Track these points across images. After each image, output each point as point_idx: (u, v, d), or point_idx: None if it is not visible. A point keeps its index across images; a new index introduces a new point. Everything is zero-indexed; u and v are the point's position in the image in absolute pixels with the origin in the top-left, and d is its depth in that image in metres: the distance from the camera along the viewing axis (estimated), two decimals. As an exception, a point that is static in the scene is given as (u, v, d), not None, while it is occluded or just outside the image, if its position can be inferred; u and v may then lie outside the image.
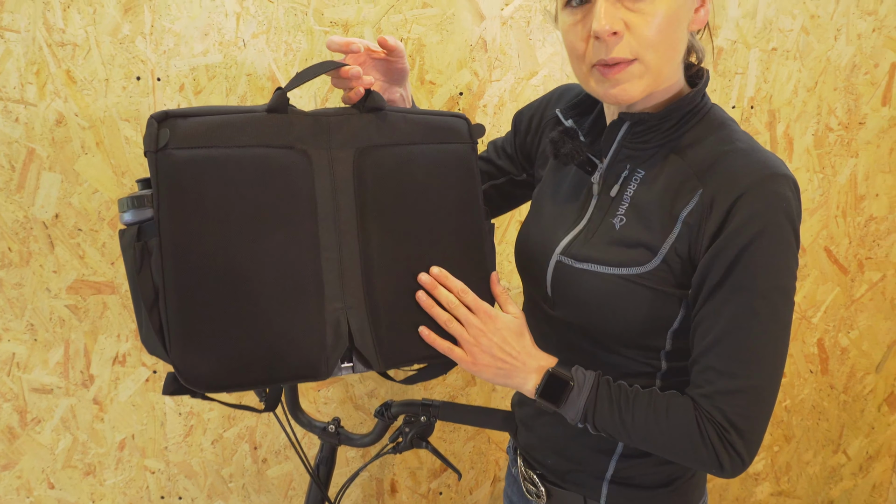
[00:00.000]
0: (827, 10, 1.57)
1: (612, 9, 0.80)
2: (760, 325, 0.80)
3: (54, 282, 1.31)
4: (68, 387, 1.37)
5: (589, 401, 0.87)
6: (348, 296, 0.87)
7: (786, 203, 0.80)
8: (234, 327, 0.81)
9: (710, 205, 0.82)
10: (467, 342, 0.89)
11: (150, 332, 0.82)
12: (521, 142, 1.11)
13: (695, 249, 0.83)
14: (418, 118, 0.95)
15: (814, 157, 1.68)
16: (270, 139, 0.85)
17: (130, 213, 0.83)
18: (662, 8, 0.80)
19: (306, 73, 0.89)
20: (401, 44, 0.99)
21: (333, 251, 0.87)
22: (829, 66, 1.61)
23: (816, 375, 1.85)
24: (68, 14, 1.22)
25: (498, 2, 1.40)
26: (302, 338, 0.84)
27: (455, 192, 0.95)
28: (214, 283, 0.80)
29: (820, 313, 1.80)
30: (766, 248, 0.79)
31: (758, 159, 0.82)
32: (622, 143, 0.91)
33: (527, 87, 1.46)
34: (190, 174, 0.80)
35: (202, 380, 0.81)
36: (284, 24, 1.31)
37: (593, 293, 0.89)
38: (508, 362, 0.90)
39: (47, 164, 1.27)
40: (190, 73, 1.29)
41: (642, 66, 0.82)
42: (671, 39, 0.82)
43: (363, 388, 1.53)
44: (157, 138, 0.80)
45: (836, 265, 1.77)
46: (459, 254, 0.94)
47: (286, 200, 0.84)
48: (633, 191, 0.89)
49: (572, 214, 0.95)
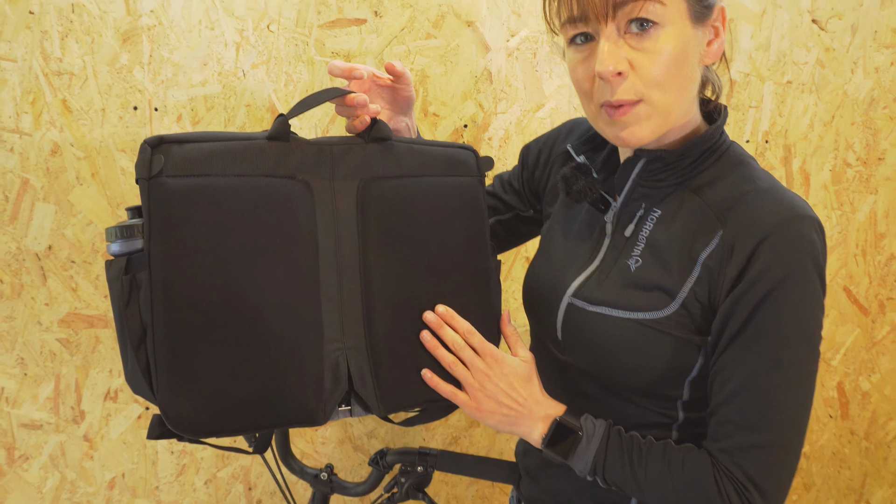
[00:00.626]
0: (843, 43, 1.53)
1: (615, 48, 0.76)
2: (784, 375, 0.76)
3: (46, 315, 1.28)
4: (58, 423, 1.33)
5: (599, 452, 0.82)
6: (348, 336, 0.82)
7: (811, 246, 0.75)
8: (226, 368, 0.76)
9: (730, 247, 0.77)
10: (472, 387, 0.85)
11: (135, 371, 0.77)
12: (528, 177, 1.07)
13: (715, 294, 0.79)
14: (425, 149, 0.91)
15: (831, 193, 1.63)
16: (270, 168, 0.80)
17: (118, 244, 0.78)
18: (668, 45, 0.76)
19: (310, 100, 0.85)
20: (408, 70, 0.96)
21: (334, 288, 0.82)
22: (846, 99, 1.57)
23: (836, 420, 1.78)
24: (66, 43, 1.21)
25: (504, 33, 1.37)
26: (298, 380, 0.79)
27: (462, 228, 0.91)
28: (206, 321, 0.76)
29: (839, 355, 1.73)
30: (790, 294, 0.75)
31: (781, 200, 0.78)
32: (637, 181, 0.87)
33: (533, 119, 1.42)
34: (184, 204, 0.76)
35: (191, 423, 0.76)
36: (285, 54, 1.29)
37: (607, 338, 0.84)
38: (514, 409, 0.85)
39: (41, 195, 1.24)
40: (188, 103, 1.27)
41: (649, 107, 0.78)
42: (679, 77, 0.78)
43: (362, 429, 1.48)
44: (150, 165, 0.76)
45: (857, 305, 1.71)
46: (465, 292, 0.90)
47: (285, 234, 0.80)
48: (649, 231, 0.85)
49: (584, 254, 0.91)
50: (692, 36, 0.77)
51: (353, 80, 0.90)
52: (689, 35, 0.77)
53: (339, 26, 1.30)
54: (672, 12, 0.75)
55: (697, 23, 0.78)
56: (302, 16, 1.28)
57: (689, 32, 0.77)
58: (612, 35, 0.76)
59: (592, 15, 0.76)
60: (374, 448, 1.49)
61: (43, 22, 1.19)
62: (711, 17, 0.79)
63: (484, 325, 0.90)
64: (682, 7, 0.76)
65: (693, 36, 0.78)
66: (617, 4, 0.74)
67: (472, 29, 1.36)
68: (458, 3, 1.34)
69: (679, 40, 0.76)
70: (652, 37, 0.76)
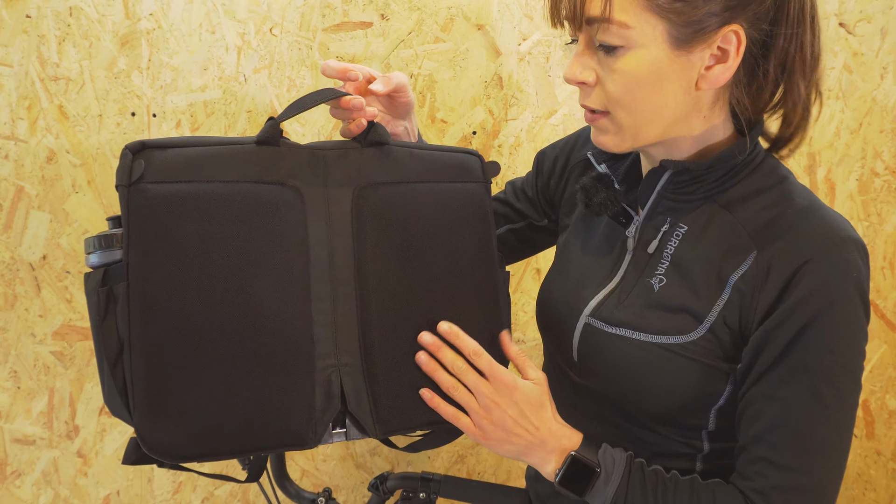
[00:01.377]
0: (871, 48, 1.47)
1: (584, 57, 0.74)
2: (824, 411, 0.70)
3: (40, 326, 1.24)
4: (52, 438, 1.29)
5: (620, 491, 0.76)
6: (342, 353, 0.77)
7: (856, 272, 0.70)
8: (207, 388, 0.71)
9: (766, 270, 0.71)
10: (476, 413, 0.78)
11: (112, 391, 0.73)
12: (543, 184, 1.01)
13: (747, 320, 0.73)
14: (426, 154, 0.85)
15: (858, 203, 1.56)
16: (259, 174, 0.75)
17: (97, 255, 0.74)
18: (631, 67, 0.71)
19: (303, 101, 0.80)
20: (400, 76, 0.90)
21: (326, 302, 0.77)
22: (874, 106, 1.50)
23: (862, 440, 1.70)
24: (63, 47, 1.17)
25: (515, 36, 1.32)
26: (286, 400, 0.74)
27: (466, 237, 0.85)
28: (188, 337, 0.71)
29: (865, 373, 1.66)
30: (833, 324, 0.69)
31: (822, 220, 0.72)
32: (662, 194, 0.81)
33: (545, 126, 1.37)
34: (165, 212, 0.71)
35: (169, 448, 0.71)
36: (288, 58, 1.24)
37: (627, 362, 0.79)
38: (525, 438, 0.78)
39: (36, 203, 1.21)
40: (187, 108, 1.23)
41: (613, 124, 0.76)
42: (647, 101, 0.73)
43: (365, 446, 1.43)
44: (129, 171, 0.71)
45: (884, 321, 1.63)
46: (471, 307, 0.84)
47: (274, 244, 0.75)
48: (675, 248, 0.79)
49: (603, 271, 0.85)
50: (670, 60, 0.71)
51: (347, 81, 0.85)
52: (663, 59, 0.71)
53: (345, 30, 1.26)
54: (642, 35, 0.70)
55: (680, 47, 0.71)
56: (306, 19, 1.24)
57: (663, 56, 0.71)
58: (584, 44, 0.75)
59: (566, 26, 0.76)
60: (377, 466, 1.44)
61: (40, 26, 1.16)
62: (709, 39, 0.71)
63: (492, 343, 0.84)
64: (658, 30, 0.70)
65: (672, 60, 0.71)
66: (581, 22, 0.72)
67: (483, 32, 1.31)
68: (467, 5, 1.29)
69: (647, 65, 0.71)
70: (617, 56, 0.72)
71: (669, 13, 0.69)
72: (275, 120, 0.78)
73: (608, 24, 0.70)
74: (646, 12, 0.69)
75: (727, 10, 0.70)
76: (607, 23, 0.70)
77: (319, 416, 0.75)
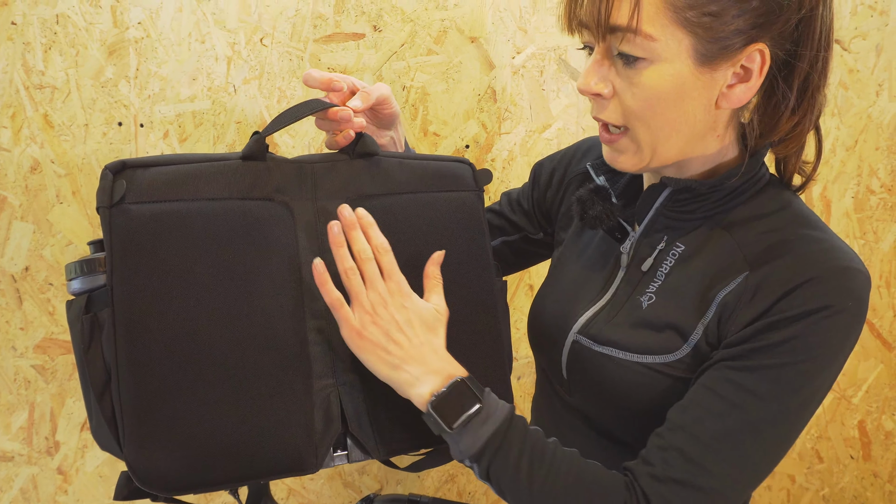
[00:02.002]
0: (867, 65, 1.46)
1: (601, 67, 0.71)
2: (764, 425, 0.67)
3: (21, 340, 1.22)
4: (31, 454, 1.25)
5: (496, 435, 0.69)
6: (340, 371, 0.75)
7: (855, 301, 0.67)
8: (201, 414, 0.69)
9: (754, 289, 0.69)
10: (361, 306, 0.72)
11: (100, 422, 0.70)
12: (539, 196, 0.99)
13: (724, 330, 0.71)
14: (416, 164, 0.84)
15: (854, 221, 1.54)
16: (245, 190, 0.74)
17: (79, 281, 0.71)
18: (653, 82, 0.69)
19: (289, 114, 0.78)
20: (381, 88, 0.87)
21: (321, 319, 0.75)
22: (870, 123, 1.49)
23: (858, 462, 1.68)
24: (49, 55, 1.15)
25: (509, 49, 1.31)
26: (285, 424, 0.71)
27: (460, 246, 0.83)
28: (178, 362, 0.69)
29: (861, 393, 1.64)
30: (817, 350, 0.67)
31: (830, 248, 0.70)
32: (660, 211, 0.79)
33: (539, 140, 1.35)
34: (149, 232, 0.69)
35: (163, 480, 0.68)
36: (278, 69, 1.23)
37: (612, 382, 0.77)
38: (404, 349, 0.71)
39: (19, 214, 1.18)
40: (175, 119, 1.20)
41: (631, 141, 0.73)
42: (668, 117, 0.71)
43: (353, 465, 1.40)
44: (111, 191, 0.69)
45: (880, 340, 1.62)
46: (468, 316, 0.82)
47: (264, 260, 0.73)
48: (669, 267, 0.77)
49: (595, 287, 0.83)
50: (694, 77, 0.69)
51: (331, 91, 0.83)
52: (686, 75, 0.69)
53: (336, 41, 1.24)
54: (666, 49, 0.67)
55: (705, 64, 0.68)
56: (297, 30, 1.23)
57: (687, 72, 0.68)
58: (602, 53, 0.71)
59: (584, 34, 0.72)
60: (365, 485, 1.41)
61: (25, 33, 1.14)
62: (734, 57, 0.69)
63: (490, 350, 0.82)
64: (684, 45, 0.67)
65: (695, 77, 0.69)
66: (605, 30, 0.68)
67: (476, 45, 1.30)
68: (461, 18, 1.28)
69: (669, 80, 0.68)
70: (638, 69, 0.69)
71: (697, 28, 0.66)
72: (260, 134, 0.76)
73: (633, 34, 0.67)
74: (673, 25, 0.66)
75: (754, 28, 0.67)
76: (633, 33, 0.67)
77: (320, 439, 0.73)
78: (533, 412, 0.98)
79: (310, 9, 1.22)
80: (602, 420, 0.81)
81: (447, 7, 1.27)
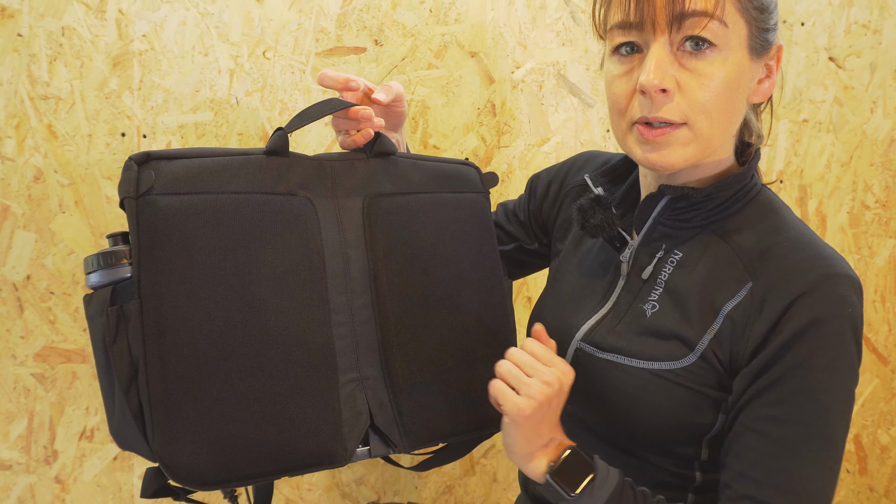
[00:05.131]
0: (861, 81, 1.48)
1: (666, 63, 0.69)
2: (811, 451, 0.69)
3: (21, 348, 1.22)
4: (29, 463, 1.26)
5: (612, 498, 0.72)
6: (364, 365, 0.75)
7: (850, 308, 0.69)
8: (231, 406, 0.68)
9: (760, 302, 0.70)
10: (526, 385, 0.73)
11: (124, 420, 0.69)
12: (535, 208, 1.00)
13: (738, 350, 0.72)
14: (429, 165, 0.86)
15: (849, 236, 1.56)
16: (270, 185, 0.74)
17: (99, 274, 0.70)
18: (722, 71, 0.69)
19: (310, 112, 0.79)
20: (398, 86, 0.89)
21: (345, 314, 0.75)
22: (864, 139, 1.51)
23: (854, 476, 1.68)
24: (54, 67, 1.16)
25: (509, 64, 1.32)
26: (313, 416, 0.71)
27: (473, 246, 0.85)
28: (207, 354, 0.68)
29: (857, 406, 1.64)
30: (825, 363, 0.68)
31: (817, 254, 0.71)
32: (659, 220, 0.80)
33: (538, 154, 1.37)
34: (177, 223, 0.69)
35: (194, 473, 0.67)
36: (280, 81, 1.24)
37: (618, 388, 0.77)
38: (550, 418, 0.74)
39: (22, 223, 1.19)
40: (178, 130, 1.22)
41: (690, 133, 0.71)
42: (727, 108, 0.71)
43: (350, 475, 1.40)
44: (137, 182, 0.69)
45: (875, 354, 1.63)
46: (481, 312, 0.84)
47: (290, 254, 0.73)
48: (669, 274, 0.78)
49: (595, 295, 0.84)
50: (747, 67, 0.71)
51: (348, 91, 0.84)
52: (744, 65, 0.71)
53: (338, 55, 1.26)
54: (732, 37, 0.69)
55: (754, 55, 0.72)
56: (299, 43, 1.24)
57: (745, 62, 0.71)
58: (664, 48, 0.69)
59: (649, 23, 0.69)
60: (364, 496, 1.41)
61: (31, 45, 1.16)
62: (769, 53, 0.73)
63: (502, 346, 0.83)
64: (743, 34, 0.70)
65: (748, 67, 0.71)
66: (680, 15, 0.67)
67: (476, 60, 1.31)
68: (461, 33, 1.30)
69: (733, 68, 0.70)
70: (707, 59, 0.69)
71: (752, 19, 0.70)
72: (283, 130, 0.76)
73: (711, 20, 0.67)
74: (737, 13, 0.69)
75: (775, 27, 0.73)
76: (711, 19, 0.67)
77: (348, 432, 0.73)
78: (531, 421, 0.99)
79: (312, 23, 1.24)
80: (604, 427, 0.81)
81: (448, 22, 1.29)
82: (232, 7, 1.20)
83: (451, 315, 0.81)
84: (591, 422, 0.82)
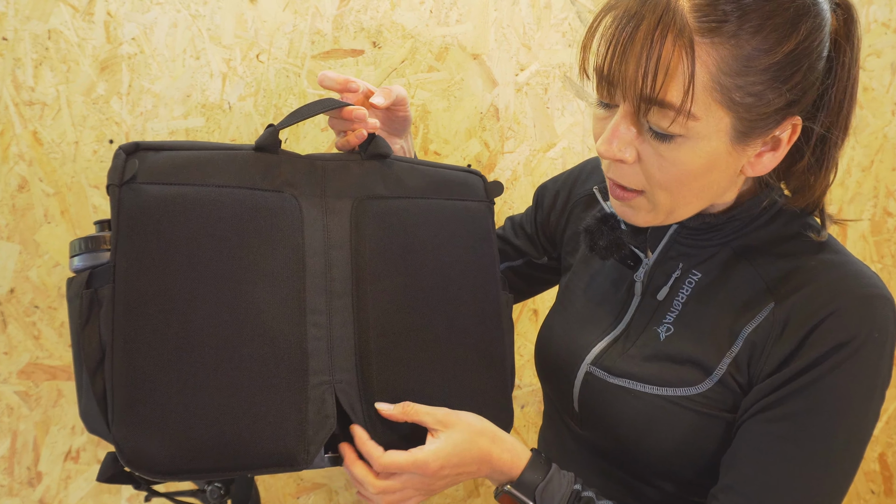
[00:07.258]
0: (882, 83, 1.42)
1: (626, 135, 0.65)
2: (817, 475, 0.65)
3: (4, 365, 1.17)
4: (12, 485, 1.20)
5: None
6: (337, 369, 0.74)
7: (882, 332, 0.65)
8: (194, 399, 0.68)
9: (782, 323, 0.66)
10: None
11: (90, 403, 0.70)
12: (543, 220, 0.96)
13: (755, 372, 0.67)
14: (428, 170, 0.84)
15: (870, 244, 1.49)
16: (256, 181, 0.74)
17: (82, 258, 0.72)
18: (687, 158, 0.64)
19: (304, 110, 0.79)
20: (400, 89, 0.86)
21: (322, 315, 0.74)
22: (886, 143, 1.45)
23: (879, 497, 1.61)
24: (40, 71, 1.12)
25: (513, 66, 1.27)
26: (277, 418, 0.71)
27: (469, 255, 0.82)
28: (175, 344, 0.68)
29: (881, 424, 1.57)
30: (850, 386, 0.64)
31: (851, 273, 0.67)
32: (675, 238, 0.76)
33: (543, 159, 1.32)
34: (157, 212, 0.70)
35: (149, 462, 0.67)
36: (275, 86, 1.19)
37: (630, 415, 0.73)
38: (471, 476, 0.74)
39: (5, 234, 1.15)
40: (168, 136, 1.17)
41: (649, 202, 0.69)
42: (692, 188, 0.67)
43: (350, 497, 1.34)
44: (122, 170, 0.70)
45: (900, 368, 1.56)
46: (472, 326, 0.81)
47: (269, 251, 0.73)
48: (687, 296, 0.74)
49: (608, 316, 0.80)
50: (726, 153, 0.66)
51: (347, 93, 0.82)
52: (721, 152, 0.65)
53: (335, 57, 1.21)
54: (706, 128, 0.63)
55: (740, 140, 0.65)
56: (294, 46, 1.20)
57: (722, 150, 0.65)
58: (629, 119, 0.65)
59: (619, 89, 0.64)
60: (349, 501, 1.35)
61: (16, 49, 1.11)
62: (769, 132, 0.66)
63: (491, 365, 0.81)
64: (723, 123, 0.64)
65: (728, 153, 0.66)
66: (648, 99, 0.62)
67: (479, 62, 1.27)
68: (463, 34, 1.25)
69: (705, 157, 0.65)
70: (673, 145, 0.64)
71: (740, 108, 0.63)
72: (274, 127, 0.76)
73: (678, 115, 0.62)
74: (715, 104, 0.62)
75: (791, 105, 0.64)
76: (678, 114, 0.62)
77: (312, 436, 0.72)
78: (540, 444, 0.94)
79: (307, 24, 1.19)
80: (615, 454, 0.77)
81: (449, 23, 1.24)
82: (224, 8, 1.16)
83: (437, 325, 0.78)
84: (604, 447, 0.78)
